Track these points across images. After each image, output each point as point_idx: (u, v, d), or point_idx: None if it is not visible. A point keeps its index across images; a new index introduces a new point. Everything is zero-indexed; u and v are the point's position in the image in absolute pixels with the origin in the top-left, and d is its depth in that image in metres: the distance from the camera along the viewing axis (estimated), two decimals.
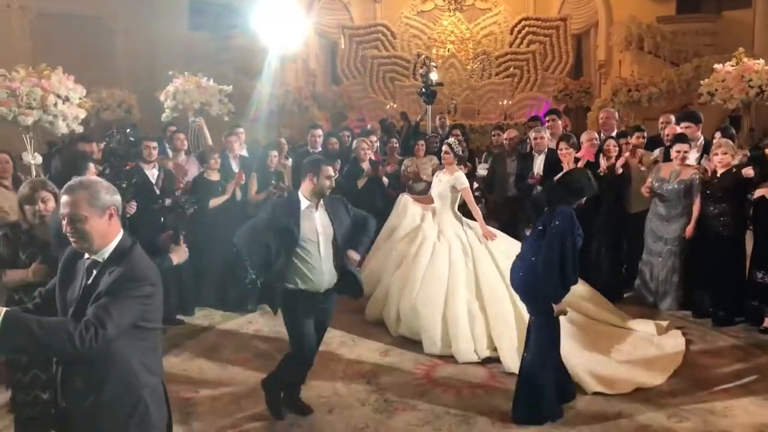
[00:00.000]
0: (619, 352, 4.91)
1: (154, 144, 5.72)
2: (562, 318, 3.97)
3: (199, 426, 3.99)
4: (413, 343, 5.22)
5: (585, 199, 4.08)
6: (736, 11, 13.26)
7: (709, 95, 8.03)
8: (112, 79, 11.36)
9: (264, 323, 5.85)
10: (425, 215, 5.83)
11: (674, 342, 5.10)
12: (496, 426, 3.95)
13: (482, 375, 4.68)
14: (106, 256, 2.26)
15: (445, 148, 5.68)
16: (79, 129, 6.37)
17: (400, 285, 5.48)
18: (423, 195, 7.13)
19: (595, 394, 4.27)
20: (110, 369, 2.19)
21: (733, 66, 7.69)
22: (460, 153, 5.64)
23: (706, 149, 6.19)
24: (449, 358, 4.95)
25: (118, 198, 2.29)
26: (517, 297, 4.58)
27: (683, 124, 6.28)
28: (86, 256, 2.30)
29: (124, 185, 4.91)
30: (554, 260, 3.74)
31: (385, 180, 6.98)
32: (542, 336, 3.96)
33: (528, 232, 4.18)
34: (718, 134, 6.29)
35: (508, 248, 5.34)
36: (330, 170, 3.94)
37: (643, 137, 6.54)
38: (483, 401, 4.27)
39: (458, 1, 16.17)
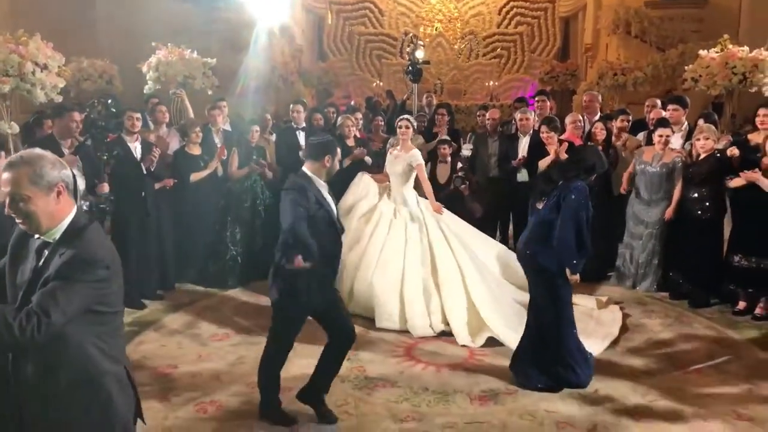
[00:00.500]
0: None
1: (138, 115, 5.63)
2: (510, 295, 4.10)
3: (178, 401, 3.98)
4: None
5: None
6: None
7: (693, 81, 8.05)
8: (93, 48, 11.10)
9: (244, 299, 5.83)
10: (382, 193, 5.79)
11: (612, 316, 5.33)
12: (474, 404, 3.99)
13: (462, 353, 4.72)
14: (57, 236, 2.08)
15: (404, 123, 5.65)
16: (58, 98, 6.22)
17: (356, 262, 5.44)
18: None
19: None
20: (64, 356, 2.04)
21: (717, 53, 7.71)
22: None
23: (689, 134, 6.24)
24: (436, 337, 4.99)
25: (67, 173, 2.12)
26: (468, 274, 5.11)
27: (670, 107, 6.31)
28: (36, 236, 2.14)
29: (105, 157, 4.84)
30: (571, 232, 3.89)
31: (368, 159, 6.94)
32: (558, 304, 4.07)
33: (540, 206, 4.16)
34: (701, 120, 6.34)
35: (459, 228, 5.58)
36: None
37: (628, 120, 6.58)
38: (462, 379, 4.31)
39: None
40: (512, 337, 4.62)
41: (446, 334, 5.02)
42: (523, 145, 6.59)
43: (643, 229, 6.00)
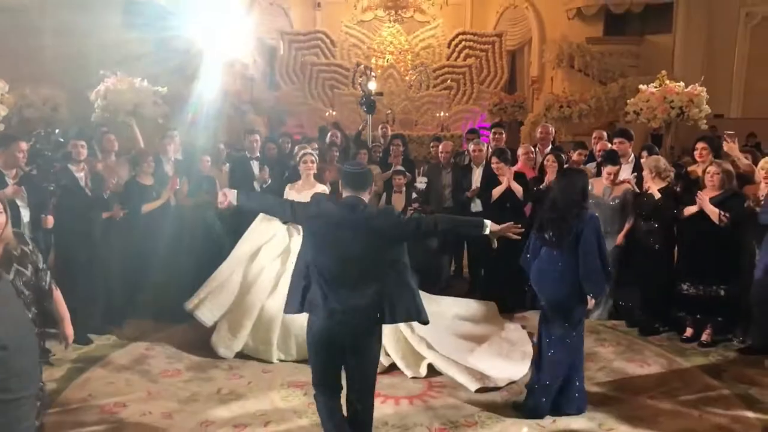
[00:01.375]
0: (487, 351, 5.24)
1: (83, 143, 5.46)
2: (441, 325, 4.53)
3: None
4: None
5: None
6: (658, 35, 14.06)
7: (635, 114, 8.41)
8: (41, 75, 10.79)
9: (195, 333, 5.66)
10: (291, 231, 5.42)
11: (518, 334, 5.60)
12: None
13: (419, 386, 4.69)
14: None
15: (309, 157, 5.40)
16: (0, 127, 6.00)
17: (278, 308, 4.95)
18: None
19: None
20: None
21: (656, 87, 8.09)
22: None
23: (636, 166, 6.47)
24: (388, 370, 4.93)
25: None
26: None
27: (617, 140, 6.50)
28: None
29: (52, 188, 4.67)
30: (597, 262, 4.03)
31: (326, 188, 6.92)
32: (576, 341, 4.19)
33: (552, 248, 4.15)
34: (644, 153, 6.58)
35: None
36: None
37: (585, 155, 6.80)
38: (421, 412, 4.28)
39: (398, 13, 16.36)
40: (445, 364, 4.77)
41: (395, 368, 4.92)
42: (477, 176, 6.70)
43: None
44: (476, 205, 6.69)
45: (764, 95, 13.00)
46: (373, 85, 10.03)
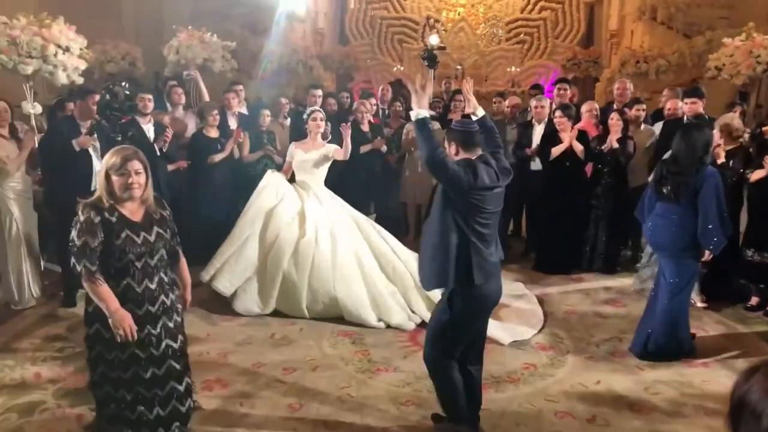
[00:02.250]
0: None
1: (149, 96, 5.73)
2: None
3: None
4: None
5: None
6: None
7: (716, 70, 7.91)
8: (117, 31, 11.27)
9: None
10: (302, 194, 5.36)
11: (531, 305, 5.43)
12: None
13: None
14: None
15: (318, 115, 5.39)
16: (80, 80, 6.35)
17: (305, 271, 5.06)
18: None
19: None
20: None
21: (742, 41, 7.55)
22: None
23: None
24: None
25: None
26: (407, 262, 5.13)
27: (688, 101, 6.06)
28: None
29: (119, 138, 4.94)
30: (714, 217, 4.10)
31: (384, 148, 6.97)
32: (686, 281, 4.31)
33: (669, 203, 4.27)
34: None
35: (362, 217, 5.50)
36: None
37: (642, 110, 6.47)
38: None
39: None
40: None
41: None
42: (538, 133, 6.54)
43: None
44: (536, 164, 6.55)
45: None
46: (435, 39, 9.83)
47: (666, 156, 4.51)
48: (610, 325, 5.11)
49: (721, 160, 5.18)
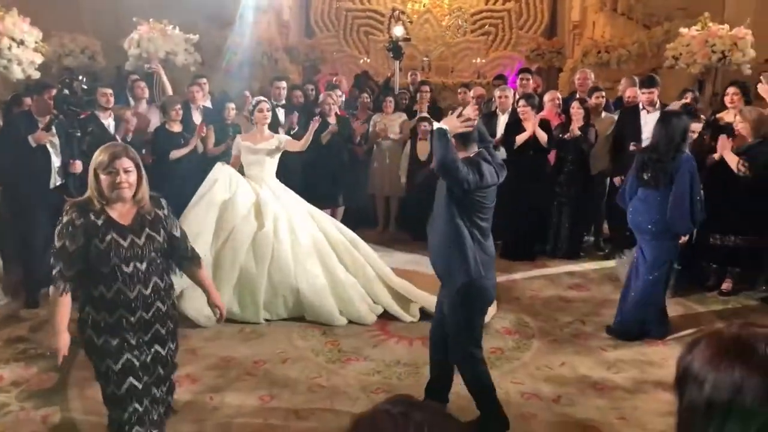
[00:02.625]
0: None
1: (110, 91, 5.63)
2: None
3: None
4: None
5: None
6: None
7: (674, 59, 8.10)
8: (75, 23, 11.00)
9: None
10: (255, 187, 5.21)
11: None
12: None
13: None
14: None
15: (264, 105, 5.28)
16: (36, 74, 6.21)
17: (264, 264, 4.95)
18: (390, 149, 7.20)
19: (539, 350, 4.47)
20: None
21: (698, 30, 7.74)
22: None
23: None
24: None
25: None
26: (365, 253, 5.18)
27: (645, 91, 6.19)
28: None
29: (78, 134, 4.85)
30: (686, 201, 4.31)
31: (358, 137, 7.00)
32: (663, 261, 4.53)
33: (649, 188, 4.49)
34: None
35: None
36: None
37: (602, 97, 6.62)
38: None
39: None
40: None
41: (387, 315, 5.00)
42: (502, 123, 6.63)
43: None
44: (500, 153, 6.62)
45: None
46: (400, 30, 9.84)
47: (646, 144, 4.77)
48: (574, 309, 5.23)
49: None
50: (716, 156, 5.22)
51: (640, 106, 6.10)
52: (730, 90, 5.65)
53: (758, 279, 5.53)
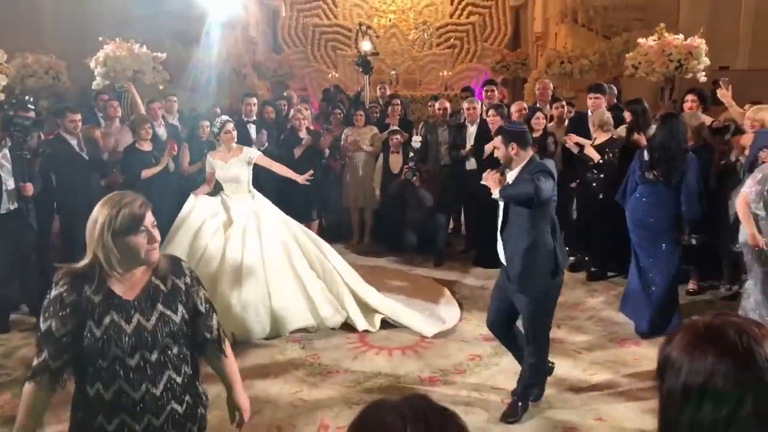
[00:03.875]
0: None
1: (78, 116, 5.58)
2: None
3: None
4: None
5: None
6: None
7: (633, 68, 8.35)
8: (39, 44, 10.85)
9: None
10: (228, 203, 5.29)
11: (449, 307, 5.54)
12: (425, 384, 4.15)
13: (413, 338, 4.87)
14: None
15: (230, 125, 5.33)
16: (0, 96, 6.12)
17: (230, 282, 4.94)
18: (362, 162, 7.27)
19: None
20: None
21: (655, 41, 8.01)
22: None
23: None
24: (384, 324, 5.10)
25: None
26: (338, 264, 5.24)
27: (591, 95, 6.43)
28: None
29: (28, 156, 4.78)
30: (697, 195, 4.71)
31: (326, 152, 7.05)
32: (674, 258, 4.81)
33: (655, 185, 4.81)
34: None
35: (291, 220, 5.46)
36: None
37: (562, 106, 6.81)
38: (413, 362, 4.47)
39: None
40: (402, 313, 5.08)
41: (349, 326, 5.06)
42: (471, 134, 6.76)
43: None
44: (470, 163, 6.77)
45: None
46: (367, 45, 9.98)
47: (648, 144, 5.07)
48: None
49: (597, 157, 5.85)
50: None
51: (589, 113, 6.30)
52: (689, 97, 5.91)
53: (721, 277, 5.72)
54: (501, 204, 3.66)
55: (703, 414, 1.05)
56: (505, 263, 3.69)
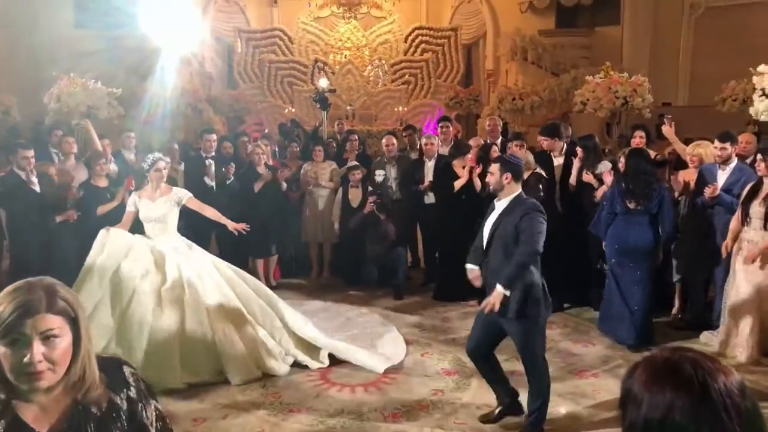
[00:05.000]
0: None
1: (31, 153, 5.47)
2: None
3: None
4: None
5: None
6: (607, 27, 14.45)
7: (582, 104, 8.71)
8: None
9: None
10: (154, 245, 4.95)
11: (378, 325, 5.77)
12: (388, 420, 4.14)
13: (375, 374, 4.84)
14: None
15: (162, 164, 5.09)
16: None
17: (173, 324, 4.66)
18: (322, 197, 7.29)
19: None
20: None
21: (602, 78, 8.40)
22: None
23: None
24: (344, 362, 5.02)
25: None
26: (271, 302, 5.07)
27: (543, 139, 6.54)
28: None
29: None
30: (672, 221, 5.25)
31: (284, 184, 7.06)
32: (651, 279, 5.26)
33: (634, 213, 5.20)
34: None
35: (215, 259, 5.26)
36: None
37: (521, 145, 7.00)
38: (376, 398, 4.45)
39: (353, 9, 16.45)
40: (345, 351, 5.02)
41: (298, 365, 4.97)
42: (429, 168, 6.89)
43: None
44: (429, 198, 6.88)
45: (709, 84, 13.50)
46: (324, 82, 10.15)
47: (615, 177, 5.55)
48: (508, 347, 5.33)
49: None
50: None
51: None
52: (637, 133, 6.28)
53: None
54: (486, 236, 3.90)
55: None
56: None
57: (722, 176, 5.36)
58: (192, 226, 6.41)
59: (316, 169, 7.49)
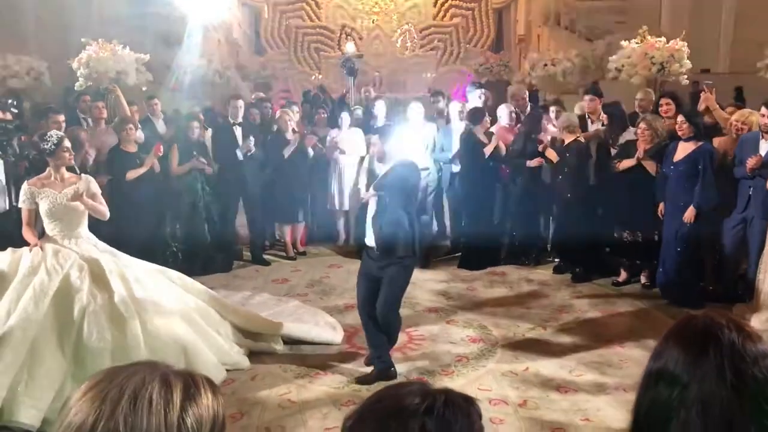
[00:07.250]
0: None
1: (62, 117, 5.53)
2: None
3: None
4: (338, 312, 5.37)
5: None
6: None
7: (616, 71, 8.45)
8: (21, 45, 10.71)
9: None
10: (56, 249, 4.04)
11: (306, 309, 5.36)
12: None
13: (402, 339, 4.86)
14: None
15: (67, 143, 4.17)
16: None
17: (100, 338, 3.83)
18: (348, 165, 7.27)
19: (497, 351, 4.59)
20: None
21: (637, 43, 8.11)
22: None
23: None
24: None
25: None
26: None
27: (587, 97, 6.60)
28: None
29: (13, 159, 4.74)
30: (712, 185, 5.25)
31: (311, 151, 7.05)
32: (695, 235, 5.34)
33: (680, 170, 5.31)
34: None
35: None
36: None
37: (559, 110, 6.89)
38: (400, 363, 4.46)
39: None
40: (299, 330, 4.82)
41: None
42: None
43: None
44: (456, 166, 6.83)
45: (751, 49, 12.99)
46: (351, 47, 10.01)
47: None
48: (534, 315, 5.37)
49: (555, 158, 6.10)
50: (631, 162, 5.72)
51: (586, 115, 6.44)
52: (663, 100, 6.10)
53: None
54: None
55: (658, 394, 1.16)
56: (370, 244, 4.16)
57: (765, 146, 5.15)
58: (220, 194, 6.51)
59: (342, 137, 7.44)
